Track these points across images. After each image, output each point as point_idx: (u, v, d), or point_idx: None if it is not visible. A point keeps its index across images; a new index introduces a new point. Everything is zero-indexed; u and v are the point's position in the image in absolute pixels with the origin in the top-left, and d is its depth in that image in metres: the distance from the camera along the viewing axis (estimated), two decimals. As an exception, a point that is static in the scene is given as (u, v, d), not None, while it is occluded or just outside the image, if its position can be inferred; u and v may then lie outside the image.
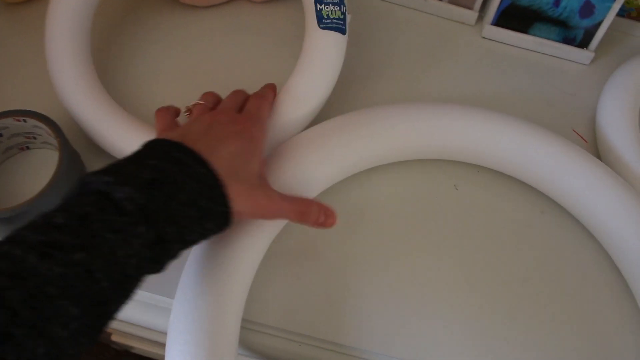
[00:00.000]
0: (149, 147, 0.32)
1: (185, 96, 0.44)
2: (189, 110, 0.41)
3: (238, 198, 0.33)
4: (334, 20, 0.44)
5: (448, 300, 0.43)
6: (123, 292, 0.28)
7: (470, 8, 0.57)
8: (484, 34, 0.57)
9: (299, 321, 0.42)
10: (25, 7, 0.55)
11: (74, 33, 0.45)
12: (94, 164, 0.46)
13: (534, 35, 0.56)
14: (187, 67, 0.52)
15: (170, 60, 0.52)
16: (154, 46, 0.53)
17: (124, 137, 0.43)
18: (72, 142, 0.44)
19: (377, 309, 0.42)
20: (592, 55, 0.56)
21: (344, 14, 0.45)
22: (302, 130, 0.45)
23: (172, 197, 0.30)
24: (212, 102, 0.40)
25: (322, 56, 0.44)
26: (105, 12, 0.54)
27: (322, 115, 0.46)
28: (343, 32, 0.45)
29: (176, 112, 0.41)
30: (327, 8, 0.44)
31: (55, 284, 0.25)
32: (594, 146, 0.51)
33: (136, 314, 0.44)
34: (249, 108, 0.40)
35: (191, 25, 0.54)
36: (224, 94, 0.42)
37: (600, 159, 0.50)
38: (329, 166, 0.43)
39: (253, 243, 0.40)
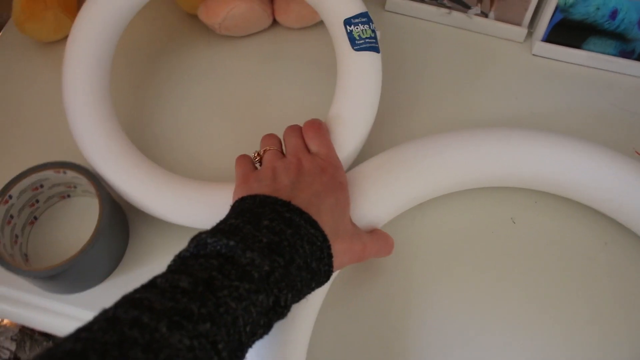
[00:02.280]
0: (258, 204, 0.33)
1: (227, 133, 0.43)
2: (259, 155, 0.39)
3: (339, 254, 0.34)
4: (367, 40, 0.42)
5: (510, 339, 0.41)
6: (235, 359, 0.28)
7: (519, 24, 0.53)
8: (534, 51, 0.53)
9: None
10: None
11: (93, 80, 0.43)
12: (135, 214, 0.45)
13: (589, 50, 0.53)
14: (224, 101, 0.50)
15: (207, 95, 0.51)
16: (187, 83, 0.51)
17: (153, 194, 0.42)
18: (113, 192, 0.43)
19: (438, 348, 0.40)
20: (653, 66, 0.52)
21: (374, 31, 0.43)
22: (354, 161, 0.43)
23: (291, 262, 0.30)
24: (278, 145, 0.39)
25: (363, 78, 0.42)
26: (130, 53, 0.52)
27: (370, 143, 0.44)
28: (377, 50, 0.43)
29: (252, 159, 0.40)
30: (357, 28, 0.43)
31: (183, 356, 0.24)
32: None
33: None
34: (319, 150, 0.38)
35: (227, 56, 0.53)
36: (267, 126, 0.41)
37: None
38: (388, 201, 0.41)
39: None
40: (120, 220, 0.43)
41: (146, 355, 0.23)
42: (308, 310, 0.37)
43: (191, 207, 0.41)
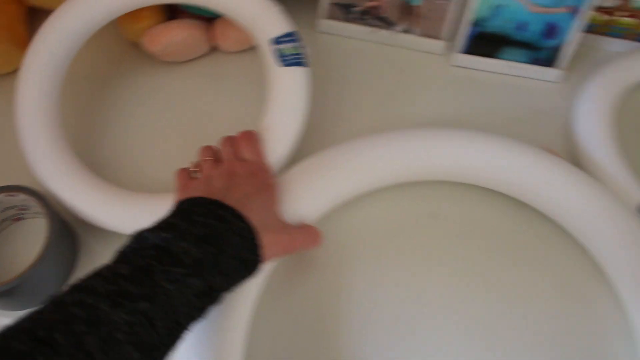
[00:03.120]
0: (192, 204, 0.37)
1: (170, 149, 0.46)
2: (198, 166, 0.43)
3: (268, 245, 0.37)
4: (293, 56, 0.47)
5: (440, 319, 0.45)
6: (173, 339, 0.32)
7: (439, 38, 0.58)
8: (452, 61, 0.58)
9: (301, 353, 0.43)
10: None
11: (44, 107, 0.47)
12: (84, 229, 0.47)
13: (503, 59, 0.58)
14: (168, 121, 0.54)
15: (151, 117, 0.54)
16: (133, 106, 0.55)
17: (102, 207, 0.45)
18: (62, 211, 0.45)
19: (375, 332, 0.44)
20: (560, 72, 0.57)
21: (301, 48, 0.48)
22: (286, 165, 0.46)
23: (222, 252, 0.34)
24: (214, 155, 0.44)
25: (289, 91, 0.47)
26: (78, 82, 0.55)
27: (303, 149, 0.48)
28: (304, 65, 0.47)
29: (190, 171, 0.44)
30: (284, 46, 0.47)
31: (123, 331, 0.28)
32: (569, 159, 0.52)
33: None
34: (251, 157, 0.43)
35: (170, 80, 0.56)
36: (207, 141, 0.45)
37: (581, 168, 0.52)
38: (315, 199, 0.45)
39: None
40: (69, 236, 0.46)
41: (89, 329, 0.27)
42: (245, 299, 0.40)
43: (137, 216, 0.44)
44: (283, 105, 0.47)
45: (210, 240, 0.34)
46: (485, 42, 0.57)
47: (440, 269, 0.47)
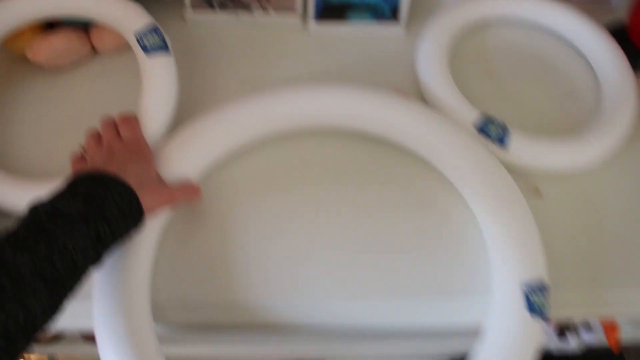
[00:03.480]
0: (77, 177, 0.44)
1: (66, 142, 0.54)
2: (84, 149, 0.51)
3: (147, 198, 0.45)
4: (156, 45, 0.55)
5: (323, 243, 0.53)
6: (75, 277, 0.39)
7: (293, 12, 0.66)
8: (310, 30, 0.67)
9: (202, 291, 0.51)
10: None
11: None
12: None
13: (352, 21, 0.66)
14: (61, 121, 0.60)
15: (44, 120, 0.60)
16: (27, 109, 0.61)
17: (7, 195, 0.52)
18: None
19: (266, 267, 0.52)
20: (402, 26, 0.66)
21: (162, 38, 0.56)
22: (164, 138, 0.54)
23: (103, 206, 0.42)
24: (97, 137, 0.51)
25: (158, 74, 0.55)
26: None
27: (182, 122, 0.55)
28: (167, 50, 0.55)
29: (79, 153, 0.52)
30: (146, 38, 0.55)
31: (27, 267, 0.36)
32: (416, 96, 0.62)
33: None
34: (129, 135, 0.51)
35: (58, 84, 0.62)
36: None
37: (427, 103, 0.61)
38: (196, 160, 0.53)
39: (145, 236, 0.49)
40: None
41: None
42: (145, 245, 0.48)
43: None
44: (154, 87, 0.54)
45: (93, 199, 0.42)
46: (334, 10, 0.65)
47: (316, 200, 0.55)
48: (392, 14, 0.66)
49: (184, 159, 0.52)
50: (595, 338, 0.82)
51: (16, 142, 0.59)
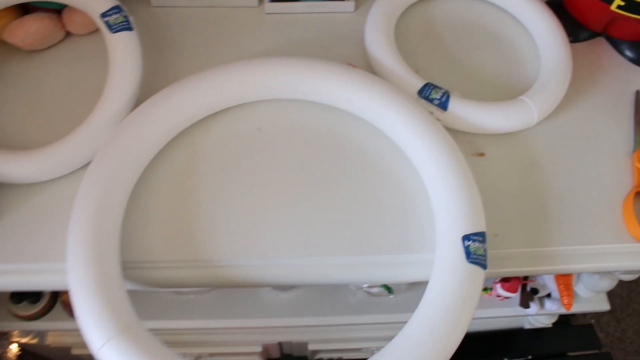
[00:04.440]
0: None
1: (42, 120, 0.59)
2: None
3: None
4: (120, 24, 0.60)
5: (280, 206, 0.58)
6: None
7: (250, -7, 0.71)
8: (266, 10, 0.72)
9: (167, 251, 0.55)
10: None
11: None
12: None
13: (305, 0, 0.71)
14: (38, 102, 0.65)
15: (20, 98, 0.65)
16: (4, 88, 0.66)
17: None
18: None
19: (228, 228, 0.56)
20: (352, 3, 0.71)
21: (126, 17, 0.60)
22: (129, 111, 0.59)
23: None
24: None
25: (122, 50, 0.59)
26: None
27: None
28: (130, 29, 0.60)
29: None
30: (111, 18, 0.60)
31: None
32: (366, 68, 0.66)
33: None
34: None
35: (35, 66, 0.67)
36: (76, 110, 0.56)
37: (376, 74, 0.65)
38: (161, 125, 0.58)
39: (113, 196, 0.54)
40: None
41: None
42: (114, 209, 0.53)
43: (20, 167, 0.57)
44: (119, 62, 0.59)
45: None
46: (289, -10, 0.70)
47: (272, 165, 0.60)
48: (344, -9, 0.70)
49: (148, 125, 0.57)
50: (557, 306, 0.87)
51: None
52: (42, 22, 0.66)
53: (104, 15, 0.60)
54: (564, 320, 1.13)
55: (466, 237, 0.52)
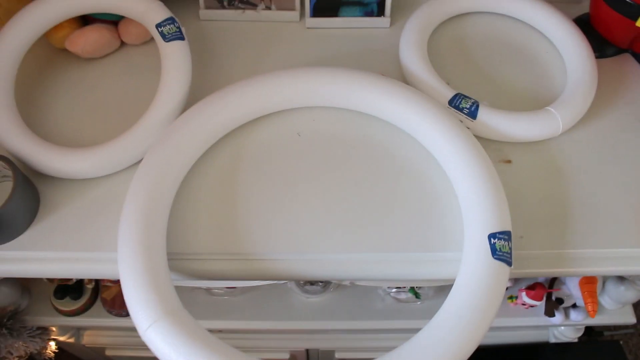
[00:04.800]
0: None
1: (96, 122, 0.64)
2: None
3: None
4: (174, 34, 0.65)
5: (317, 205, 0.61)
6: None
7: (293, 9, 0.76)
8: (307, 25, 0.76)
9: (211, 244, 0.59)
10: None
11: (2, 87, 0.63)
12: (41, 185, 0.64)
13: (343, 16, 0.76)
14: (94, 104, 0.70)
15: (79, 102, 0.70)
16: (66, 93, 0.71)
17: (50, 162, 0.62)
18: (23, 169, 0.62)
19: (268, 224, 0.60)
20: (388, 19, 0.76)
21: (178, 28, 0.65)
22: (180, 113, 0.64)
23: None
24: None
25: (174, 57, 0.64)
26: (23, 78, 0.72)
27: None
28: (182, 38, 0.65)
29: None
30: (165, 28, 0.65)
31: None
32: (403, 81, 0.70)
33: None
34: None
35: (92, 72, 0.73)
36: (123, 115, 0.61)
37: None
38: (207, 127, 0.62)
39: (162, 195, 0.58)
40: (31, 185, 0.62)
41: None
42: (163, 203, 0.57)
43: (74, 164, 0.62)
44: (172, 68, 0.64)
45: None
46: (327, 6, 0.75)
47: (311, 167, 0.64)
48: (379, 9, 0.75)
49: (196, 126, 0.61)
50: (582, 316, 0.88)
51: (56, 119, 0.69)
52: (100, 32, 0.71)
53: (159, 25, 0.65)
54: (590, 336, 1.13)
55: (492, 235, 0.54)
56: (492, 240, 0.54)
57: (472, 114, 0.65)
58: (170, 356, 0.50)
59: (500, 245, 0.54)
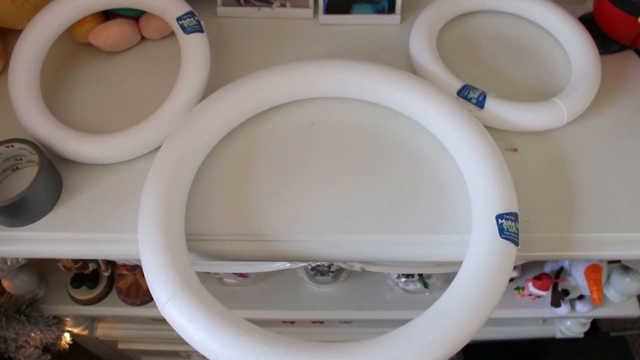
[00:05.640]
0: None
1: (116, 111, 0.67)
2: None
3: None
4: (193, 27, 0.68)
5: (329, 189, 0.64)
6: None
7: (307, 7, 0.79)
8: (320, 22, 0.79)
9: (229, 225, 0.61)
10: None
11: (29, 78, 0.66)
12: (64, 169, 0.66)
13: (355, 13, 0.79)
14: (115, 95, 0.73)
15: (102, 90, 0.73)
16: (88, 84, 0.74)
17: (73, 147, 0.64)
18: (48, 153, 0.64)
19: (281, 207, 0.62)
20: (398, 17, 0.79)
21: (198, 21, 0.68)
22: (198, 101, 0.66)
23: None
24: None
25: (194, 48, 0.67)
26: (48, 70, 0.75)
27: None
28: (202, 31, 0.68)
29: None
30: (185, 21, 0.67)
31: None
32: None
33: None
34: None
35: (113, 65, 0.76)
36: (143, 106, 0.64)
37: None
38: (224, 116, 0.65)
39: (181, 178, 0.61)
40: (54, 170, 0.65)
41: None
42: (182, 186, 0.60)
43: (96, 149, 0.64)
44: (191, 59, 0.67)
45: None
46: (340, 3, 0.78)
47: (323, 153, 0.66)
48: (390, 6, 0.78)
49: (213, 114, 0.64)
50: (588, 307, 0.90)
51: (79, 108, 0.72)
52: (122, 27, 0.75)
53: (179, 19, 0.68)
54: (596, 332, 1.14)
55: (500, 216, 0.57)
56: (500, 220, 0.56)
57: (480, 104, 0.67)
58: (188, 328, 0.52)
59: (508, 226, 0.56)
